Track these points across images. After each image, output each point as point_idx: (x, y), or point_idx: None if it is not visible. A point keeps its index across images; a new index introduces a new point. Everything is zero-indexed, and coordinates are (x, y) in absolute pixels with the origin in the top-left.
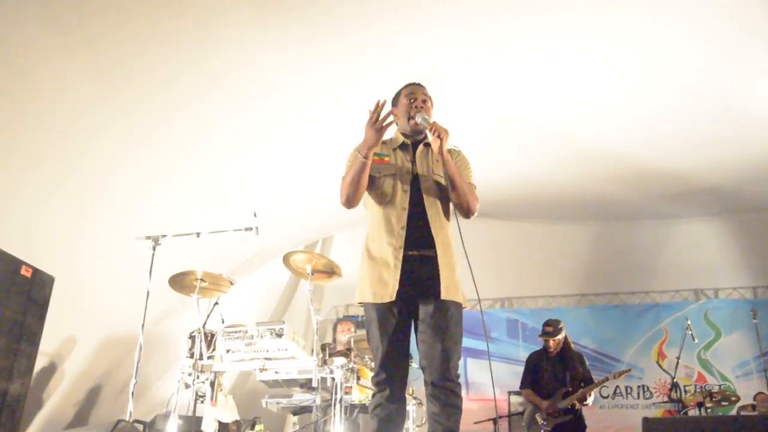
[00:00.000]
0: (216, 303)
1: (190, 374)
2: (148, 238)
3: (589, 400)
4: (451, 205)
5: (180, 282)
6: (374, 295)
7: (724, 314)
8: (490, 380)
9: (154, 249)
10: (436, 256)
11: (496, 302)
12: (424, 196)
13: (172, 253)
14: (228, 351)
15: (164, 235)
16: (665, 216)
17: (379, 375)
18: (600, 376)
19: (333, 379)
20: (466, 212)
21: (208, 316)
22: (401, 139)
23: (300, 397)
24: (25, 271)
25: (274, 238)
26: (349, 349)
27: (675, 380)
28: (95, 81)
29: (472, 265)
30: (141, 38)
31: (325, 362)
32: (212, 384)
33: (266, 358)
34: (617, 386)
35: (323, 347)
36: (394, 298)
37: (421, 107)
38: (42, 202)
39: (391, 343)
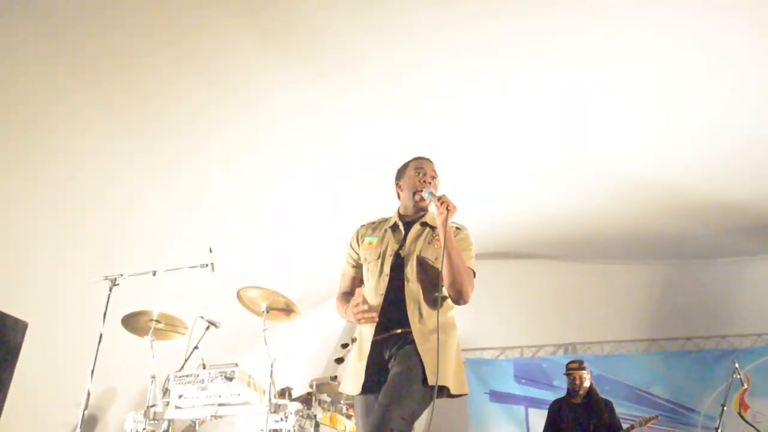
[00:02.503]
0: (195, 347)
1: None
2: (106, 278)
3: None
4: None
5: (133, 323)
6: (347, 387)
7: None
8: None
9: (110, 290)
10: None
11: (559, 348)
12: (406, 281)
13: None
14: (180, 397)
15: (121, 275)
16: (741, 253)
17: None
18: (674, 428)
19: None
20: (458, 296)
21: (185, 360)
22: (394, 219)
23: None
24: None
25: (321, 283)
26: (309, 394)
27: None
28: (66, 123)
29: (532, 309)
30: (115, 71)
31: (278, 408)
32: None
33: (219, 404)
34: None
35: (283, 392)
36: (359, 392)
37: (429, 182)
38: (18, 248)
39: None
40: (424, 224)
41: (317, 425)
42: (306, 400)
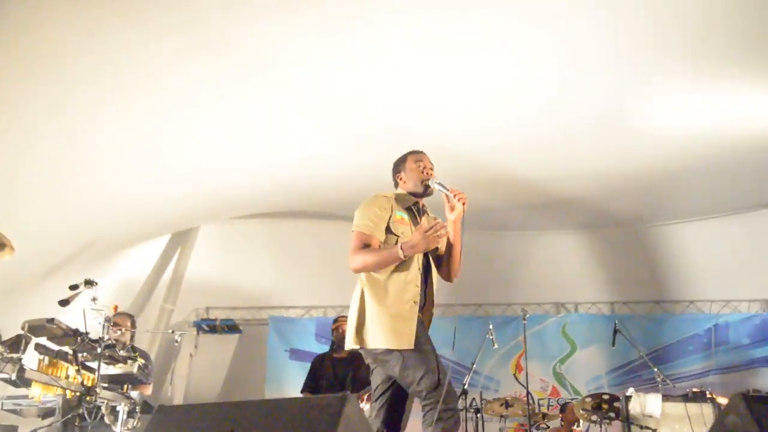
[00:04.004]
0: None
1: None
2: None
3: (363, 406)
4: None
5: None
6: (402, 342)
7: (582, 328)
8: None
9: None
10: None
11: None
12: (431, 259)
13: None
14: None
15: None
16: (530, 227)
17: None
18: (458, 388)
19: None
20: (453, 277)
21: None
22: (411, 200)
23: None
24: None
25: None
26: (20, 337)
27: (465, 388)
28: None
29: (338, 269)
30: None
31: None
32: None
33: None
34: (473, 399)
35: None
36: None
37: (431, 173)
38: None
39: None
40: (425, 212)
41: (22, 370)
42: (15, 343)
